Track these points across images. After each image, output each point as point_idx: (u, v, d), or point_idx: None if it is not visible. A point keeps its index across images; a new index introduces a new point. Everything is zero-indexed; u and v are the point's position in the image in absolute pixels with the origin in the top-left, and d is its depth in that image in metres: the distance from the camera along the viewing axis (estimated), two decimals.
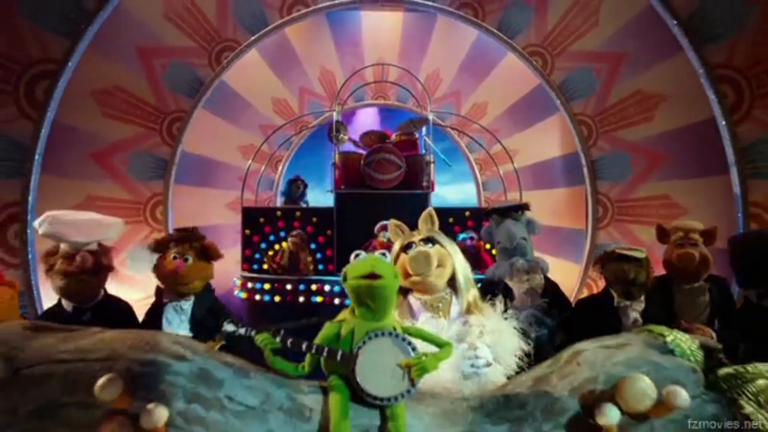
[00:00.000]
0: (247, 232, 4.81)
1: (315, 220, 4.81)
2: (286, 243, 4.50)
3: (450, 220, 4.63)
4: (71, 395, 0.99)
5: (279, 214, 4.87)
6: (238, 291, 4.68)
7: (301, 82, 6.84)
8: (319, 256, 4.79)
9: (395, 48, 6.73)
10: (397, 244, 1.70)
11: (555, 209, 6.39)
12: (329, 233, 4.77)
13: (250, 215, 4.86)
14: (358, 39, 6.68)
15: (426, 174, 4.84)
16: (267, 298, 4.41)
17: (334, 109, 5.54)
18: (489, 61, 6.42)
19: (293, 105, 6.94)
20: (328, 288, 4.27)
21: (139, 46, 5.33)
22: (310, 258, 4.52)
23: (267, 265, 4.61)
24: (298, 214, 4.88)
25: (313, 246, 4.75)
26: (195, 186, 6.16)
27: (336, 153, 4.96)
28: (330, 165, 5.06)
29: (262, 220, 4.80)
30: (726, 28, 4.38)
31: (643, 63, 5.33)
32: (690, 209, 5.15)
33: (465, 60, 6.59)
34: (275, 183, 6.85)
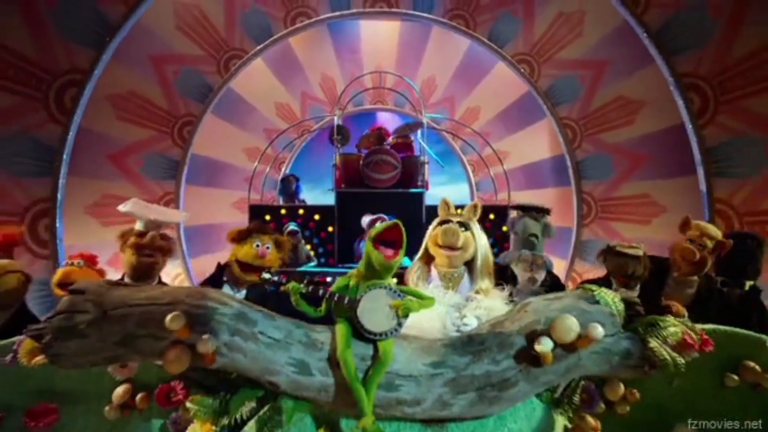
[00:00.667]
0: None
1: (317, 217, 5.12)
2: None
3: None
4: (145, 329, 1.33)
5: (283, 211, 5.18)
6: None
7: (303, 87, 7.19)
8: (321, 250, 5.12)
9: (392, 55, 7.07)
10: (441, 215, 1.98)
11: None
12: (330, 229, 5.10)
13: (256, 212, 5.16)
14: (357, 47, 7.02)
15: (421, 174, 5.13)
16: (272, 289, 4.73)
17: (335, 114, 5.87)
18: (481, 69, 6.77)
19: (295, 109, 7.28)
20: (330, 279, 4.59)
21: (153, 54, 5.66)
22: (308, 246, 4.90)
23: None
24: (301, 211, 5.19)
25: (316, 241, 5.08)
26: (203, 186, 6.48)
27: (336, 155, 5.27)
28: (331, 166, 5.38)
29: (267, 217, 5.11)
30: (693, 40, 4.74)
31: (624, 70, 5.67)
32: (668, 207, 5.49)
33: (459, 67, 6.95)
34: (279, 183, 7.18)
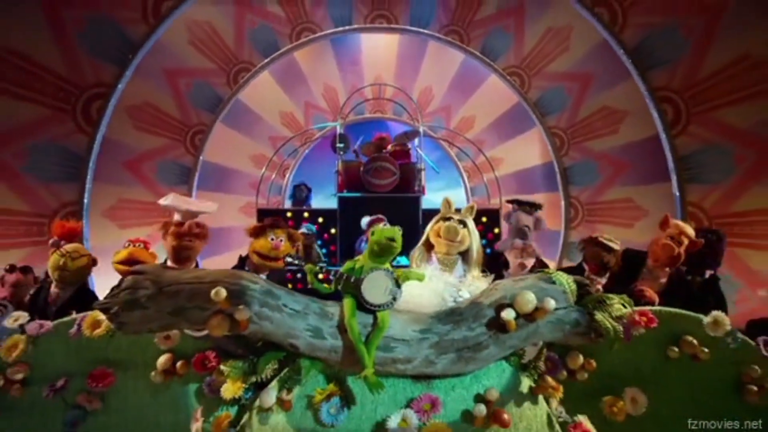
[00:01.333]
0: None
1: (321, 220, 5.48)
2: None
3: None
4: (193, 302, 1.67)
5: (290, 215, 5.53)
6: None
7: (307, 97, 7.55)
8: (325, 251, 5.47)
9: (392, 67, 7.44)
10: (442, 212, 2.29)
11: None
12: (333, 231, 5.45)
13: (264, 216, 5.51)
14: (358, 59, 7.38)
15: (417, 180, 5.50)
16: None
17: (337, 123, 6.24)
18: (475, 80, 7.13)
19: (299, 118, 7.65)
20: (333, 276, 4.94)
21: (167, 68, 6.02)
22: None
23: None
24: (306, 215, 5.54)
25: (319, 242, 5.43)
26: (212, 191, 6.81)
27: (339, 161, 5.63)
28: (333, 172, 5.73)
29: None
30: (666, 56, 5.14)
31: (608, 82, 6.02)
32: (650, 210, 5.83)
33: (454, 78, 7.30)
34: (284, 188, 7.54)
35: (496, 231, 5.25)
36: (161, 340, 2.03)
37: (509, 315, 1.69)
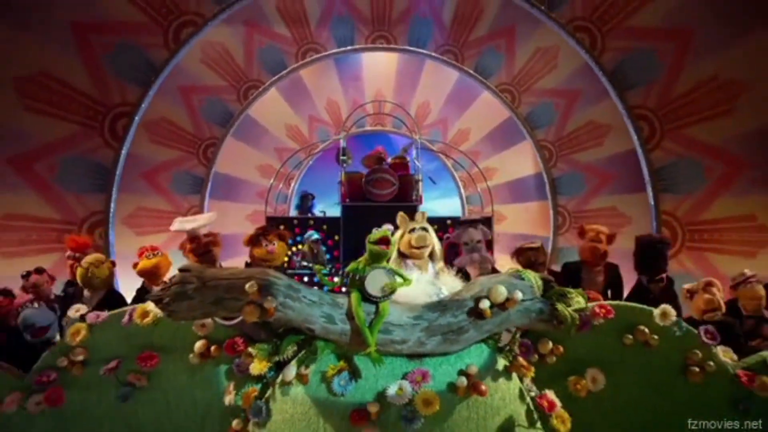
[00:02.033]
0: None
1: (325, 227, 5.83)
2: (303, 245, 5.59)
3: (435, 227, 5.68)
4: (229, 294, 2.06)
5: (296, 222, 5.91)
6: None
7: (311, 111, 7.95)
8: (329, 256, 5.85)
9: (391, 83, 7.84)
10: (405, 227, 2.66)
11: (529, 220, 7.46)
12: (336, 238, 5.82)
13: (272, 223, 5.88)
14: (359, 75, 7.78)
15: (415, 190, 5.83)
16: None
17: (340, 136, 6.64)
18: (470, 95, 7.54)
19: (303, 130, 8.03)
20: (336, 279, 5.33)
21: (181, 85, 6.42)
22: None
23: (285, 265, 5.68)
24: (311, 222, 5.91)
25: (324, 248, 5.82)
26: (220, 200, 7.20)
27: (342, 173, 6.00)
28: (337, 182, 6.11)
29: (282, 227, 5.85)
30: (642, 78, 5.57)
31: (594, 99, 6.41)
32: (633, 218, 6.21)
33: (450, 93, 7.70)
34: (289, 196, 7.93)
35: (488, 238, 5.62)
36: (198, 327, 2.42)
37: (485, 305, 2.09)
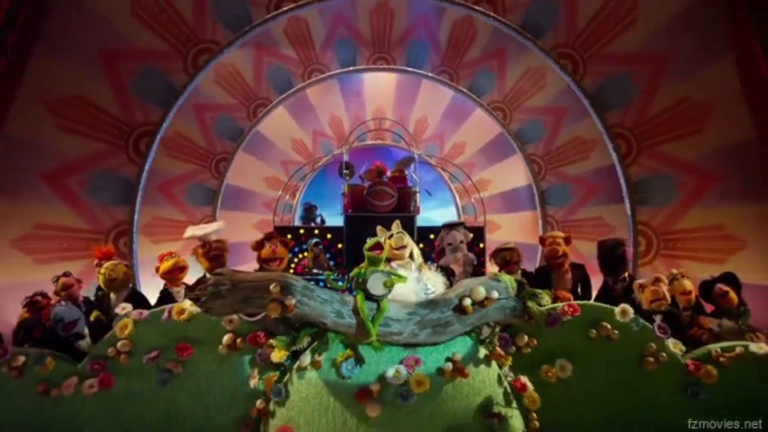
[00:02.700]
0: None
1: (329, 236, 6.23)
2: (308, 253, 6.01)
3: (431, 236, 6.08)
4: (256, 293, 2.47)
5: (302, 231, 6.32)
6: None
7: (315, 126, 8.40)
8: (333, 263, 6.26)
9: (390, 99, 8.30)
10: (385, 236, 3.14)
11: (522, 229, 7.85)
12: (340, 246, 6.23)
13: (279, 232, 6.28)
14: (361, 91, 8.22)
15: (413, 201, 6.23)
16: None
17: (342, 150, 7.09)
18: (465, 111, 7.95)
19: (308, 144, 8.49)
20: (340, 284, 5.74)
21: (195, 103, 6.84)
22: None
23: (292, 270, 6.09)
24: (316, 232, 6.32)
25: (328, 255, 6.23)
26: (230, 210, 7.61)
27: (345, 185, 6.43)
28: (340, 194, 6.55)
29: (289, 236, 6.24)
30: (619, 100, 6.02)
31: (580, 116, 6.77)
32: (617, 227, 6.58)
33: (447, 109, 8.13)
34: (294, 207, 8.36)
35: (481, 246, 6.01)
36: (226, 323, 2.86)
37: (467, 302, 2.52)
